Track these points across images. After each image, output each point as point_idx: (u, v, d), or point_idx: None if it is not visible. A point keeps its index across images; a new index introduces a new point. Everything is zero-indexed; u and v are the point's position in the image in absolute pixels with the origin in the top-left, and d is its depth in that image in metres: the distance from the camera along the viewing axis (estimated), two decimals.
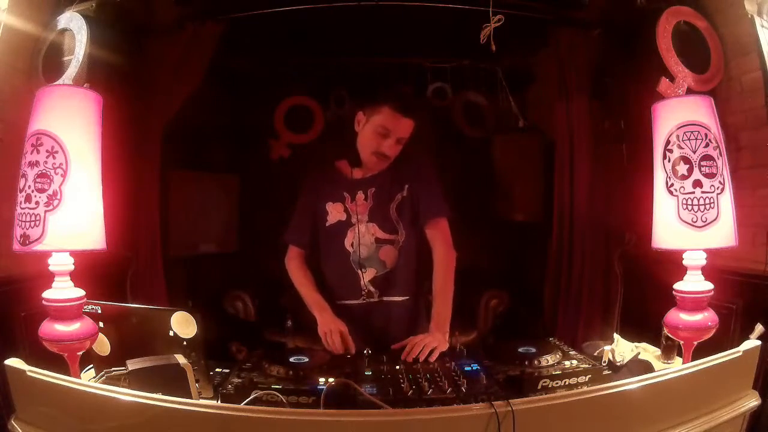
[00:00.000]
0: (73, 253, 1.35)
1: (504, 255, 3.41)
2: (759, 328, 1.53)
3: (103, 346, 1.44)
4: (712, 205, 1.42)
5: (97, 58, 1.86)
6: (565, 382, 1.35)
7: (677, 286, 1.47)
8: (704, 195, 1.42)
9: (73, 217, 1.31)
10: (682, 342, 1.47)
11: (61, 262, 1.33)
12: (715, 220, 1.41)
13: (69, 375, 1.31)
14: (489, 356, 1.59)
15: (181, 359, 1.28)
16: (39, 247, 1.29)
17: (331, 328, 1.77)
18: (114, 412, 1.15)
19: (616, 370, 1.47)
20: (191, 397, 1.24)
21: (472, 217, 3.21)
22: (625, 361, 1.49)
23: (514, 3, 2.23)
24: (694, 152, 1.44)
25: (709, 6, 1.99)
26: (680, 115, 1.47)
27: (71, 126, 1.34)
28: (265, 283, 3.02)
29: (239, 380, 1.41)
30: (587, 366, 1.47)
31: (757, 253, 1.81)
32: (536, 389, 1.32)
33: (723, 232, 1.42)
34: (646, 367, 1.50)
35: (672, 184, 1.47)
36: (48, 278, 1.34)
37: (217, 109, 3.29)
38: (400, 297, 1.95)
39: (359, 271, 1.92)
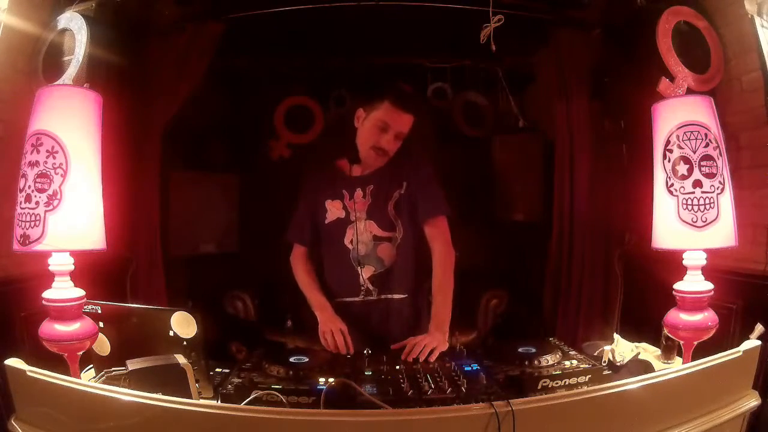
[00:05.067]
0: (73, 253, 1.35)
1: (504, 255, 3.41)
2: (759, 328, 1.53)
3: (103, 346, 1.44)
4: (712, 205, 1.42)
5: (97, 58, 1.86)
6: (565, 382, 1.35)
7: (677, 286, 1.47)
8: (704, 195, 1.42)
9: (73, 217, 1.31)
10: (682, 342, 1.47)
11: (61, 262, 1.33)
12: (715, 220, 1.41)
13: (69, 375, 1.31)
14: (489, 356, 1.59)
15: (181, 359, 1.28)
16: (39, 247, 1.29)
17: (331, 327, 1.78)
18: (114, 412, 1.15)
19: (616, 370, 1.47)
20: (191, 397, 1.24)
21: (472, 217, 3.21)
22: (625, 361, 1.49)
23: (514, 3, 2.23)
24: (694, 152, 1.44)
25: (709, 6, 1.98)
26: (680, 115, 1.47)
27: (71, 126, 1.34)
28: (265, 283, 3.02)
29: (239, 380, 1.41)
30: (587, 366, 1.47)
31: (757, 253, 1.81)
32: (536, 389, 1.32)
33: (723, 232, 1.42)
34: (646, 367, 1.50)
35: (672, 184, 1.47)
36: (48, 278, 1.34)
37: (217, 109, 3.28)
38: (399, 295, 1.95)
39: (358, 269, 1.92)
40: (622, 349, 1.54)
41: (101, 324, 1.41)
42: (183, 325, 1.37)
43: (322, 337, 1.79)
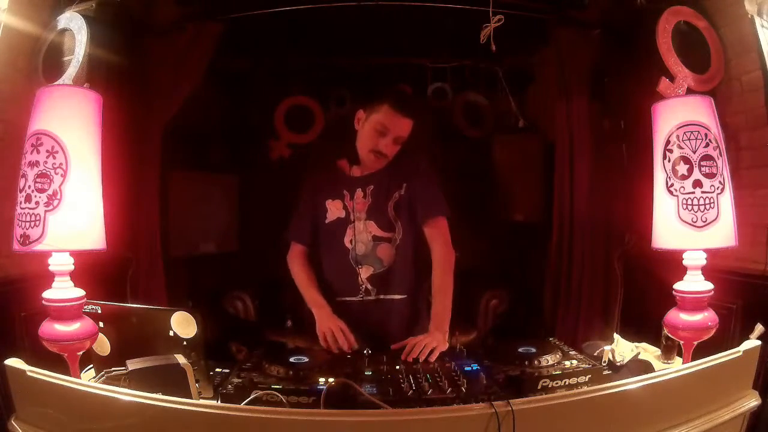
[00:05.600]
0: (73, 253, 1.35)
1: (504, 255, 3.41)
2: (759, 328, 1.53)
3: (103, 346, 1.44)
4: (712, 205, 1.42)
5: (97, 58, 1.86)
6: (565, 382, 1.35)
7: (677, 286, 1.47)
8: (704, 195, 1.42)
9: (73, 217, 1.32)
10: (682, 342, 1.47)
11: (61, 262, 1.34)
12: (715, 220, 1.41)
13: (69, 375, 1.31)
14: (489, 356, 1.59)
15: (181, 359, 1.28)
16: (39, 247, 1.29)
17: (329, 326, 1.78)
18: (114, 412, 1.15)
19: (616, 370, 1.47)
20: (191, 397, 1.24)
21: (472, 217, 3.20)
22: (625, 361, 1.49)
23: (514, 3, 2.23)
24: (694, 152, 1.44)
25: (709, 6, 1.98)
26: (680, 115, 1.47)
27: (71, 126, 1.34)
28: (265, 282, 3.02)
29: (239, 380, 1.41)
30: (587, 366, 1.47)
31: (757, 253, 1.81)
32: (536, 389, 1.32)
33: (723, 232, 1.42)
34: (646, 367, 1.50)
35: (672, 184, 1.47)
36: (48, 278, 1.34)
37: (217, 109, 3.28)
38: (398, 295, 1.96)
39: (356, 268, 1.92)
40: (622, 349, 1.54)
41: (101, 324, 1.41)
42: (183, 325, 1.36)
43: (321, 336, 1.79)
